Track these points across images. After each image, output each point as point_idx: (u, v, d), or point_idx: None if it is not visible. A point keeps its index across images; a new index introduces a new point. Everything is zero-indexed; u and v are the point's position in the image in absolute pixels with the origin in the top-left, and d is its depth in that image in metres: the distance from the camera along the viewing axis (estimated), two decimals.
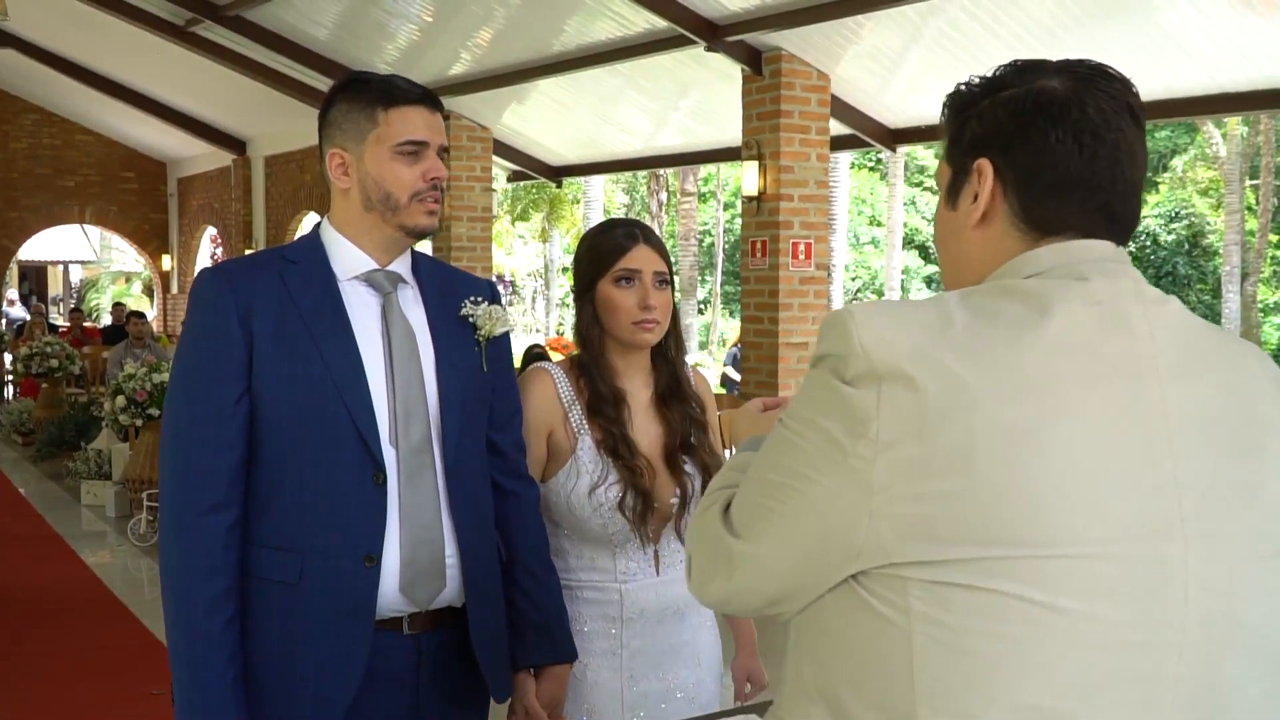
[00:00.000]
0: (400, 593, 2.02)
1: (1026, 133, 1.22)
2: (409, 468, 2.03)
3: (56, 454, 11.16)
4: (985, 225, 1.26)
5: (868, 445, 1.11)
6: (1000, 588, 1.08)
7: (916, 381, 1.10)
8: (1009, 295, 1.18)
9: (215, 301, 2.01)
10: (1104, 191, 1.22)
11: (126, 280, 31.15)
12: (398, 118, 2.04)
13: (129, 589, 6.91)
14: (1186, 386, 1.16)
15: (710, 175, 29.05)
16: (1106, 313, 1.16)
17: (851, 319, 1.15)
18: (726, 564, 1.26)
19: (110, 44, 13.50)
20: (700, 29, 8.12)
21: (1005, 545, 1.08)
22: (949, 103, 1.32)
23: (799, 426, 1.18)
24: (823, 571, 1.17)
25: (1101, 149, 1.21)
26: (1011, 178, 1.23)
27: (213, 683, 1.94)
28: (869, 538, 1.12)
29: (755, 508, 1.23)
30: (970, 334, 1.13)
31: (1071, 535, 1.08)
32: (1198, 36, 6.88)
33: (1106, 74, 1.24)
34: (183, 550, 1.97)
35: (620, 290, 2.31)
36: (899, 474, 1.10)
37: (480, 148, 11.87)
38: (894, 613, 1.11)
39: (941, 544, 1.09)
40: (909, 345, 1.12)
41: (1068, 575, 1.08)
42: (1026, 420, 1.09)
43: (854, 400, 1.12)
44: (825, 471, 1.14)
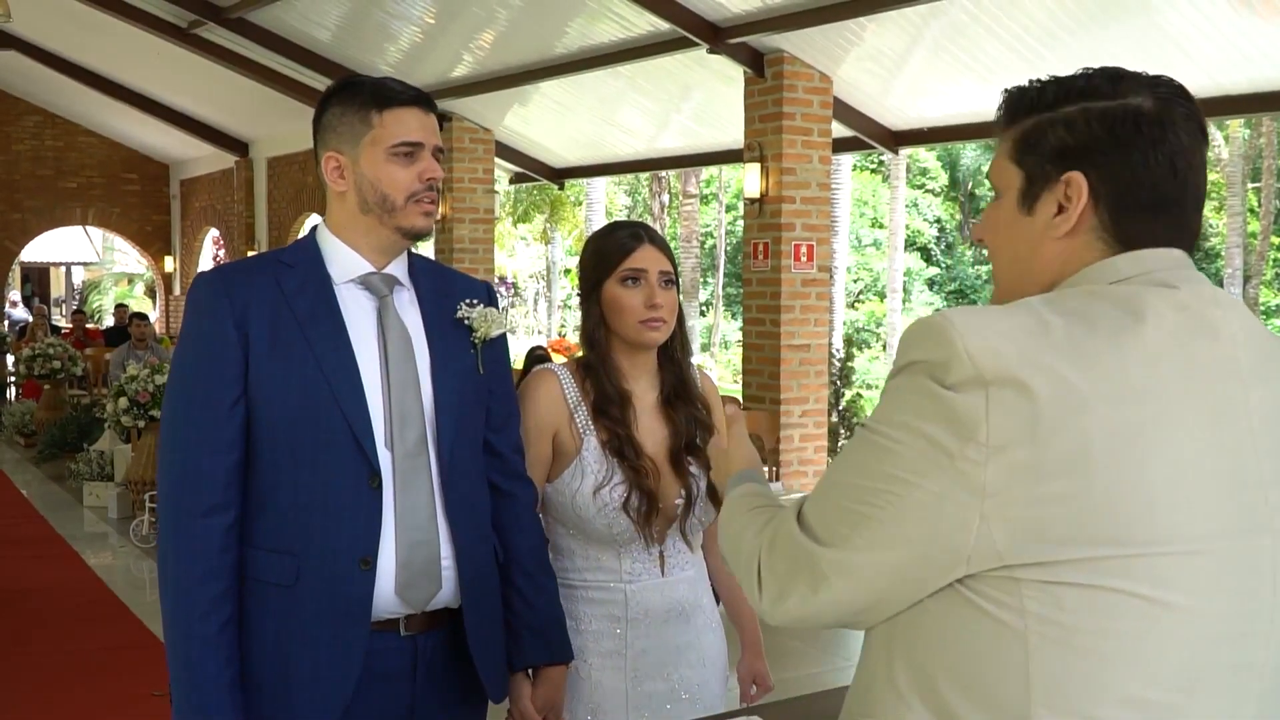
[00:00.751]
0: (396, 595, 2.03)
1: (1127, 152, 1.24)
2: (404, 470, 2.04)
3: (58, 455, 11.16)
4: (1070, 237, 1.27)
5: (977, 449, 1.12)
6: (1114, 585, 1.11)
7: (1028, 386, 1.12)
8: (1099, 300, 1.21)
9: (211, 306, 2.02)
10: (1188, 210, 1.27)
11: (129, 282, 31.16)
12: (392, 119, 2.05)
13: (131, 590, 6.92)
14: (1266, 388, 1.21)
15: (712, 177, 29.05)
16: (1194, 317, 1.20)
17: (952, 326, 1.16)
18: (811, 575, 1.24)
19: (113, 46, 13.52)
20: (702, 31, 8.12)
21: (1119, 544, 1.11)
22: (1013, 101, 1.32)
23: (893, 431, 1.18)
24: (926, 577, 1.18)
25: (1190, 173, 1.25)
26: (1105, 194, 1.25)
27: (209, 684, 1.95)
28: (980, 541, 1.13)
29: (848, 514, 1.21)
30: (1071, 338, 1.15)
31: (1180, 532, 1.13)
32: (1199, 38, 6.88)
33: (1185, 94, 1.29)
34: (180, 552, 1.98)
35: (626, 290, 2.32)
36: (1012, 477, 1.11)
37: (482, 149, 11.87)
38: (1008, 614, 1.13)
39: (1056, 544, 1.11)
40: (1015, 350, 1.13)
41: (1177, 571, 1.13)
42: (1135, 422, 1.13)
43: (959, 405, 1.13)
44: (929, 475, 1.15)
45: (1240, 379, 1.20)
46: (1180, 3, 6.63)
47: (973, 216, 30.57)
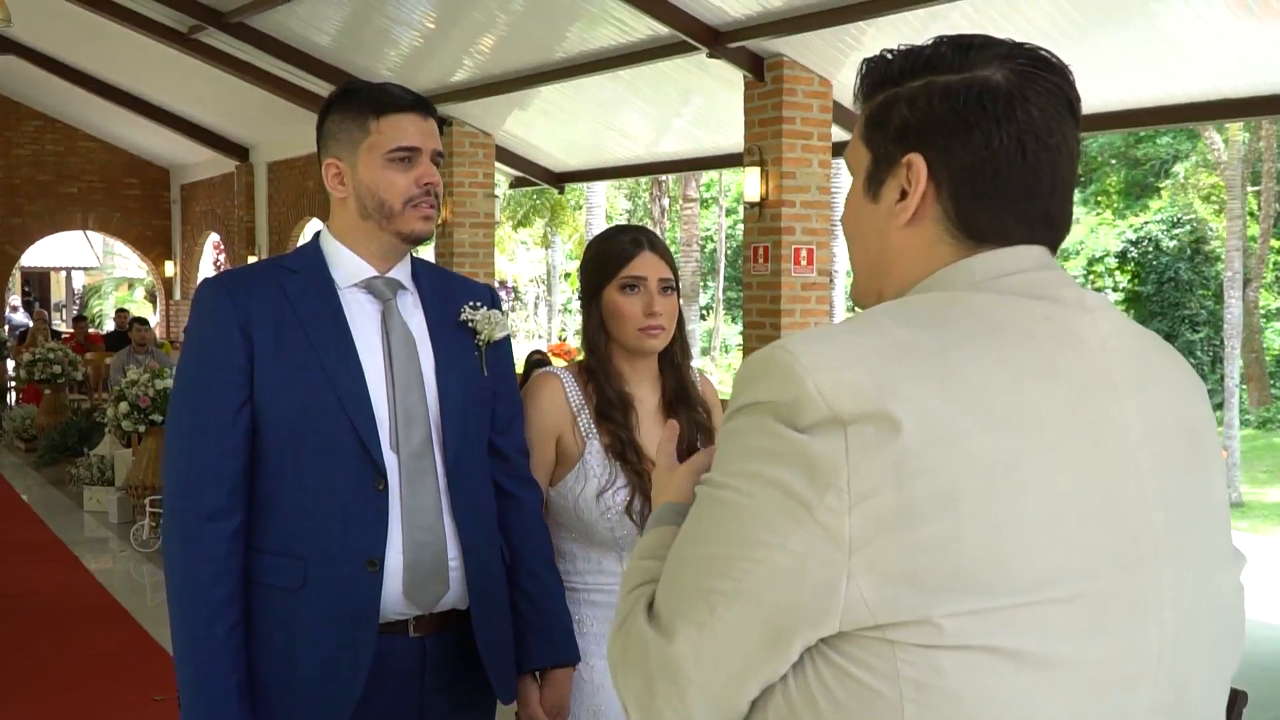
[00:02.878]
0: (403, 596, 2.04)
1: (968, 132, 1.10)
2: (410, 472, 2.05)
3: (59, 460, 11.17)
4: (913, 226, 1.14)
5: (838, 496, 0.98)
6: (994, 643, 0.99)
7: (890, 420, 0.98)
8: (953, 309, 1.08)
9: (215, 312, 2.04)
10: (1044, 198, 1.12)
11: (129, 286, 31.19)
12: (389, 125, 2.07)
13: (131, 595, 6.92)
14: (1141, 398, 1.09)
15: (712, 181, 29.06)
16: (1057, 327, 1.08)
17: (797, 361, 1.02)
18: (669, 682, 1.07)
19: (113, 50, 13.53)
20: (702, 35, 8.13)
21: (997, 593, 0.99)
22: (868, 72, 1.18)
23: (741, 484, 1.03)
24: (790, 648, 1.03)
25: (1044, 153, 1.11)
26: (947, 179, 1.12)
27: (216, 689, 1.96)
28: (851, 600, 0.99)
29: (701, 595, 1.05)
30: (929, 360, 1.02)
31: (1060, 573, 1.01)
32: (1198, 42, 6.89)
33: (1048, 64, 1.13)
34: (186, 557, 1.99)
35: (626, 297, 2.32)
36: (879, 526, 0.98)
37: (482, 154, 11.88)
38: (881, 682, 1.00)
39: (930, 597, 0.98)
40: (873, 382, 1.00)
41: (1059, 618, 1.01)
42: (1006, 453, 1.00)
43: (814, 449, 0.99)
44: (788, 532, 1.00)
45: (1114, 391, 1.07)
46: (1179, 7, 6.64)
47: None
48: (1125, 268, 24.36)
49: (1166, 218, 24.72)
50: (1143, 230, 24.47)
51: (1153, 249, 24.36)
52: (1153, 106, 7.54)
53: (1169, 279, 24.05)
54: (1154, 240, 24.38)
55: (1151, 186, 25.60)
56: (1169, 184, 25.49)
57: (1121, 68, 7.39)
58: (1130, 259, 24.33)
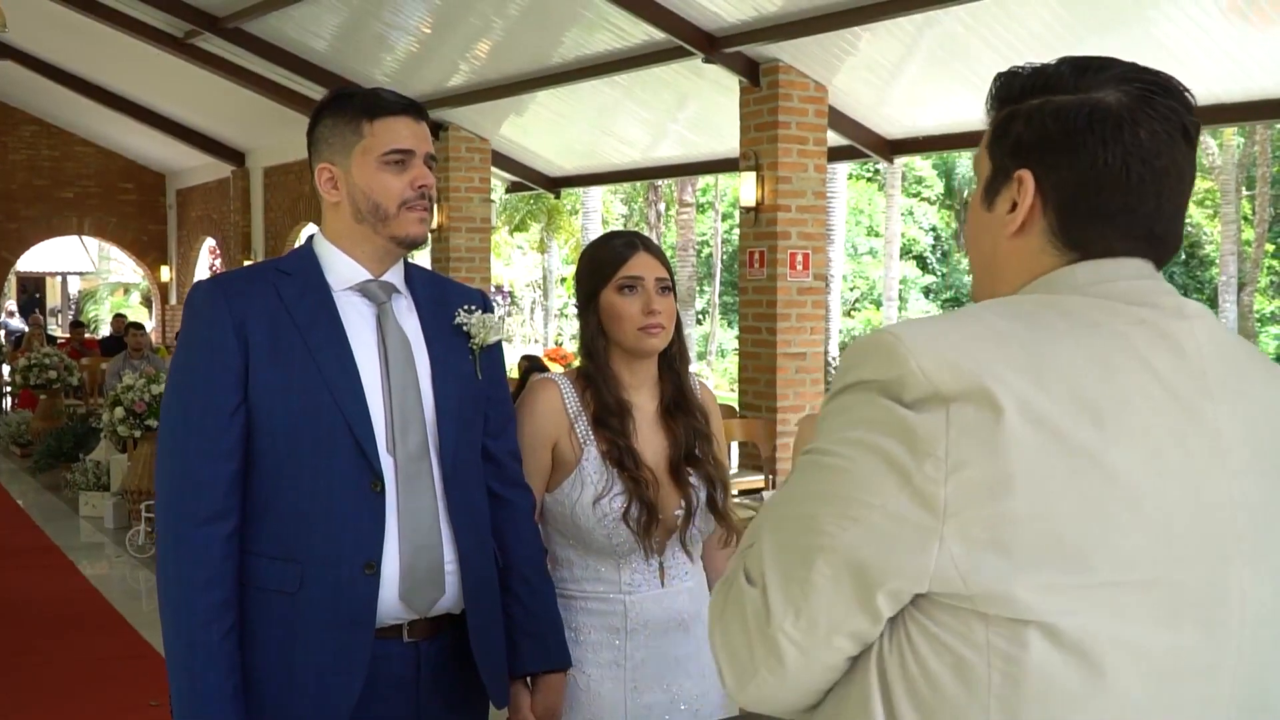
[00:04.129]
0: (400, 600, 2.03)
1: (1075, 151, 1.16)
2: (407, 475, 2.04)
3: (55, 465, 11.13)
4: (1021, 236, 1.21)
5: (935, 466, 1.05)
6: (1080, 621, 1.04)
7: (989, 400, 1.05)
8: (1050, 309, 1.14)
9: (210, 314, 2.03)
10: (1148, 218, 1.17)
11: (125, 291, 31.15)
12: (382, 128, 2.07)
13: (127, 600, 6.91)
14: (1234, 405, 1.13)
15: (708, 186, 29.09)
16: (1152, 330, 1.13)
17: (901, 343, 1.09)
18: (766, 640, 1.13)
19: (109, 56, 13.53)
20: (698, 41, 8.14)
21: (1082, 570, 1.04)
22: (996, 87, 1.25)
23: (844, 449, 1.10)
24: (882, 604, 1.09)
25: (1149, 175, 1.15)
26: (1054, 195, 1.18)
27: (211, 694, 1.95)
28: (941, 564, 1.05)
29: (796, 552, 1.12)
30: (1025, 349, 1.08)
31: (1145, 558, 1.06)
32: (1193, 48, 6.91)
33: (1166, 90, 1.18)
34: (180, 561, 1.97)
35: (624, 298, 2.32)
36: (973, 495, 1.04)
37: (478, 159, 11.88)
38: (972, 651, 1.06)
39: (1018, 566, 1.04)
40: (973, 364, 1.06)
41: (1144, 603, 1.06)
42: (1094, 440, 1.06)
43: (916, 422, 1.06)
44: (886, 495, 1.07)
45: (1207, 394, 1.12)
46: (1175, 13, 6.66)
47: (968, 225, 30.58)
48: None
49: None
50: None
51: None
52: None
53: None
54: None
55: None
56: None
57: None
58: None
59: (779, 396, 8.45)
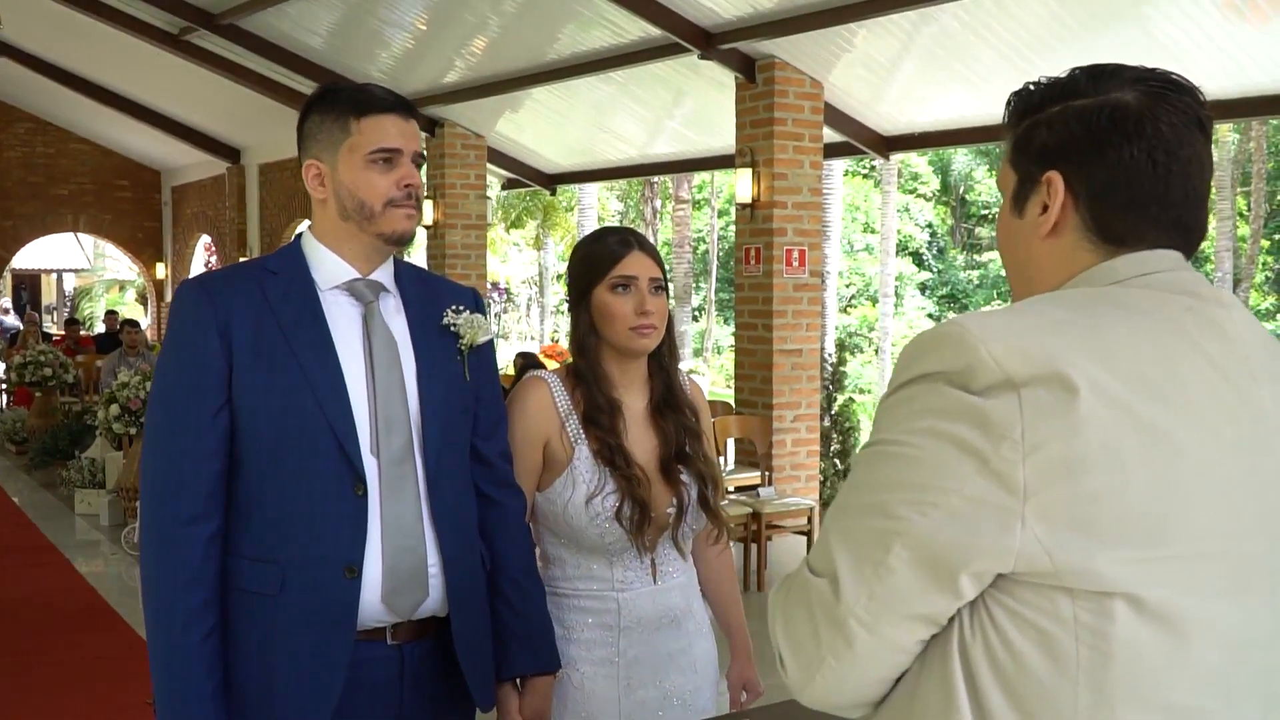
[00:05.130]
0: (382, 603, 2.02)
1: (1101, 148, 1.22)
2: (390, 478, 2.03)
3: (50, 463, 11.13)
4: (1055, 236, 1.26)
5: (1012, 447, 1.07)
6: (1159, 594, 1.08)
7: (1062, 382, 1.08)
8: (1102, 302, 1.18)
9: (194, 314, 2.01)
10: (1176, 206, 1.23)
11: (120, 289, 31.11)
12: (370, 126, 2.05)
13: (123, 598, 6.90)
14: (1275, 386, 1.19)
15: (704, 183, 29.07)
16: (1199, 317, 1.18)
17: (969, 332, 1.12)
18: (836, 627, 1.15)
19: (104, 53, 13.50)
20: (694, 37, 8.14)
21: (1159, 543, 1.08)
22: (1013, 103, 1.31)
23: (916, 439, 1.12)
24: (962, 588, 1.11)
25: (1175, 165, 1.21)
26: (1084, 192, 1.23)
27: (192, 695, 1.95)
28: (1026, 544, 1.08)
29: (871, 537, 1.13)
30: (1085, 334, 1.12)
31: (1215, 531, 1.11)
32: (1189, 46, 6.91)
33: (1178, 86, 1.24)
34: (162, 562, 1.97)
35: (616, 297, 2.31)
36: (1051, 474, 1.07)
37: (474, 155, 11.87)
38: (1057, 626, 1.09)
39: (1099, 542, 1.07)
40: (1041, 349, 1.10)
41: (1214, 575, 1.11)
42: (1161, 419, 1.10)
43: (989, 409, 1.09)
44: (964, 479, 1.09)
45: (1253, 377, 1.18)
46: (1171, 10, 6.66)
47: (964, 221, 30.63)
48: None
49: None
50: None
51: None
52: None
53: None
54: None
55: None
56: None
57: None
58: None
59: (775, 393, 8.45)
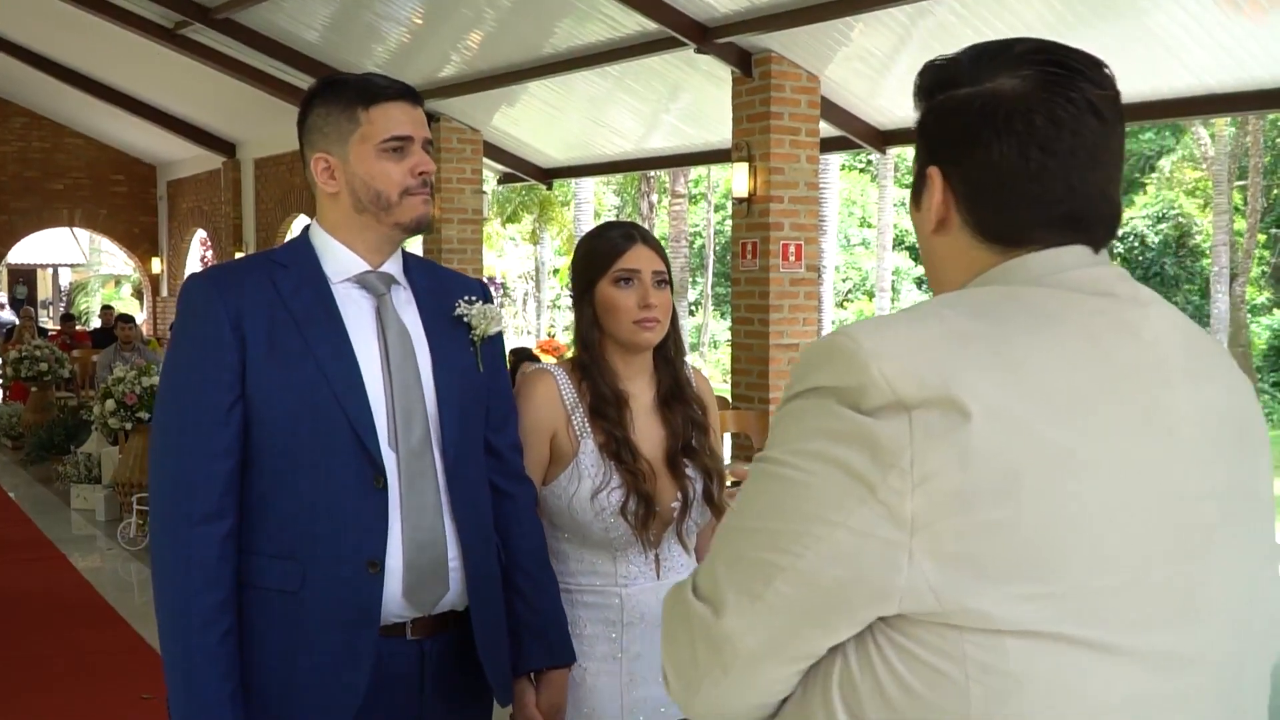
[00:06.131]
0: (403, 598, 2.00)
1: (971, 145, 1.14)
2: (409, 471, 2.00)
3: (46, 458, 11.12)
4: (944, 233, 1.19)
5: (900, 477, 1.00)
6: (1058, 629, 1.01)
7: (955, 406, 1.00)
8: (1008, 302, 1.11)
9: (205, 308, 1.98)
10: (1061, 202, 1.13)
11: (116, 283, 31.08)
12: (379, 115, 2.02)
13: (119, 593, 6.89)
14: (1194, 391, 1.11)
15: (701, 177, 29.06)
16: (1112, 320, 1.10)
17: (861, 348, 1.04)
18: (714, 654, 1.09)
19: (99, 47, 13.46)
20: (690, 31, 8.13)
21: (1058, 577, 1.01)
22: (916, 88, 1.22)
23: (804, 463, 1.05)
24: (842, 626, 1.05)
25: (1051, 161, 1.11)
26: (961, 191, 1.16)
27: (211, 698, 1.91)
28: (912, 580, 1.01)
29: (759, 566, 1.06)
30: (987, 348, 1.05)
31: (1120, 560, 1.03)
32: (1186, 39, 6.90)
33: (1064, 64, 1.13)
34: (177, 562, 1.93)
35: (620, 290, 2.30)
36: (941, 507, 1.00)
37: (470, 150, 11.86)
38: (947, 664, 1.02)
39: (992, 578, 1.00)
40: (936, 369, 1.02)
41: (1120, 606, 1.03)
42: (1063, 441, 1.02)
43: (878, 431, 1.01)
44: (850, 510, 1.02)
45: (1168, 383, 1.09)
46: (1168, 3, 6.65)
47: None
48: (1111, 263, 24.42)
49: (1152, 213, 24.81)
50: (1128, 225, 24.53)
51: (1138, 244, 24.45)
52: (1141, 102, 7.55)
53: (1154, 274, 24.13)
54: (1139, 235, 24.46)
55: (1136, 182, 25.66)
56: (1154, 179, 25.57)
57: (1110, 63, 7.38)
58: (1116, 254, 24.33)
59: (771, 388, 8.45)
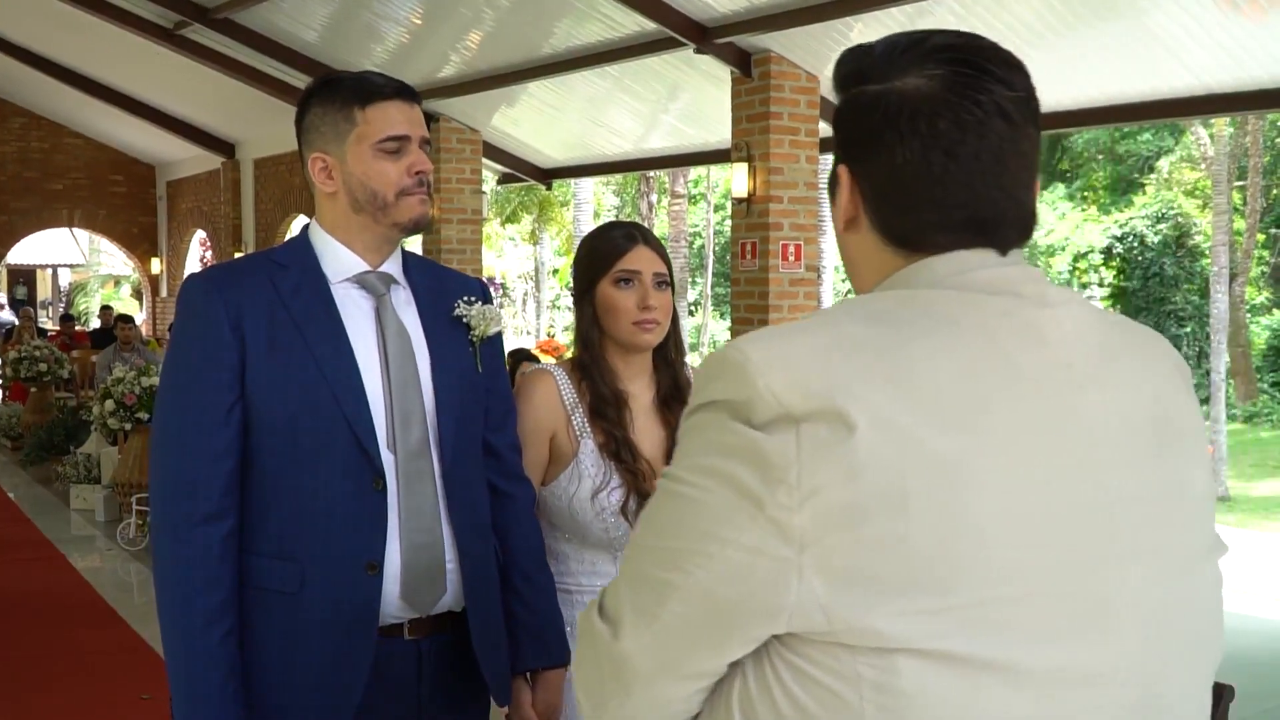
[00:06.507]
0: (401, 599, 2.00)
1: (875, 146, 1.11)
2: (407, 472, 2.00)
3: (45, 458, 11.12)
4: (854, 232, 1.16)
5: (788, 493, 0.98)
6: (950, 646, 0.98)
7: (842, 418, 0.98)
8: (909, 306, 1.08)
9: (204, 308, 1.98)
10: (964, 206, 1.09)
11: (115, 284, 31.09)
12: (376, 114, 2.01)
13: (118, 593, 6.90)
14: (1104, 392, 1.07)
15: (700, 177, 29.07)
16: (1015, 322, 1.06)
17: (749, 361, 1.02)
18: (615, 676, 1.08)
19: (98, 47, 13.47)
20: (689, 31, 8.13)
21: (952, 591, 0.98)
22: (834, 69, 1.18)
23: (697, 479, 1.03)
24: (736, 646, 1.04)
25: (954, 165, 1.08)
26: (868, 191, 1.13)
27: (212, 697, 1.91)
28: (802, 597, 0.98)
29: (648, 587, 1.05)
30: (879, 356, 1.02)
31: (1017, 572, 0.99)
32: (1185, 39, 6.91)
33: (973, 64, 1.10)
34: (178, 562, 1.93)
35: (620, 291, 2.31)
36: (829, 522, 0.97)
37: (469, 150, 11.86)
38: (841, 684, 0.99)
39: (881, 593, 0.97)
40: (824, 381, 1.00)
41: (1018, 620, 0.99)
42: (956, 451, 0.99)
43: (767, 446, 0.99)
44: (740, 527, 1.00)
45: (1075, 385, 1.05)
46: (1167, 3, 6.66)
47: None
48: (1110, 263, 24.44)
49: (1151, 213, 24.81)
50: (1127, 226, 24.55)
51: (1138, 244, 24.44)
52: (1140, 102, 7.56)
53: (1154, 274, 24.14)
54: (1139, 236, 24.46)
55: (1135, 182, 25.67)
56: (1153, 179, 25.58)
57: (1108, 64, 7.40)
58: (1115, 254, 24.40)
59: None
